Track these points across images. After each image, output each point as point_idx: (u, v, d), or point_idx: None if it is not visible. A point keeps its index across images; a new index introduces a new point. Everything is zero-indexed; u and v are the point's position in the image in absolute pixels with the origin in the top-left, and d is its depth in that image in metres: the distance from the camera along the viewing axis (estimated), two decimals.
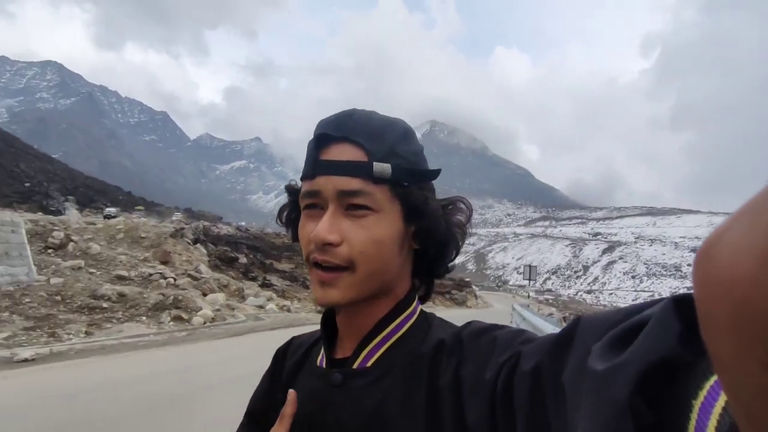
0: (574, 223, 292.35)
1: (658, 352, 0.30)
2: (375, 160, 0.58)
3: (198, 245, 28.92)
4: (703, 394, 0.27)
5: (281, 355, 0.75)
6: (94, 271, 16.80)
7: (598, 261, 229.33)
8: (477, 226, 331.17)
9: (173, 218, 39.44)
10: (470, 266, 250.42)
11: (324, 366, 0.65)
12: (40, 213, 30.35)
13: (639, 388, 0.30)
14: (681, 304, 0.30)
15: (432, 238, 0.63)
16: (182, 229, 29.15)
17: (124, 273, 17.41)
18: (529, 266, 27.72)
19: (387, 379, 0.59)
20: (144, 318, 12.38)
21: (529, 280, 26.98)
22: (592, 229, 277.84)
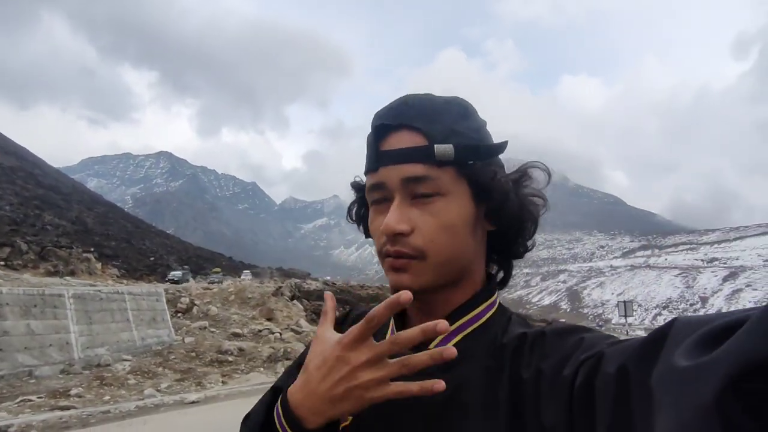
0: (682, 250, 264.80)
1: (757, 351, 0.27)
2: (436, 142, 0.56)
3: (295, 301, 31.56)
4: None
5: (338, 325, 0.64)
6: (214, 330, 19.43)
7: (719, 290, 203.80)
8: (567, 262, 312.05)
9: (243, 277, 41.96)
10: (564, 305, 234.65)
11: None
12: (164, 282, 35.20)
13: (732, 389, 0.27)
14: None
15: (506, 216, 0.59)
16: (280, 287, 32.09)
17: (239, 330, 19.88)
18: (624, 302, 26.11)
19: (465, 367, 0.56)
20: (261, 369, 14.24)
21: (626, 317, 25.46)
22: (706, 254, 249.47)
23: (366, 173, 0.62)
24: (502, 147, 0.61)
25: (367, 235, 0.66)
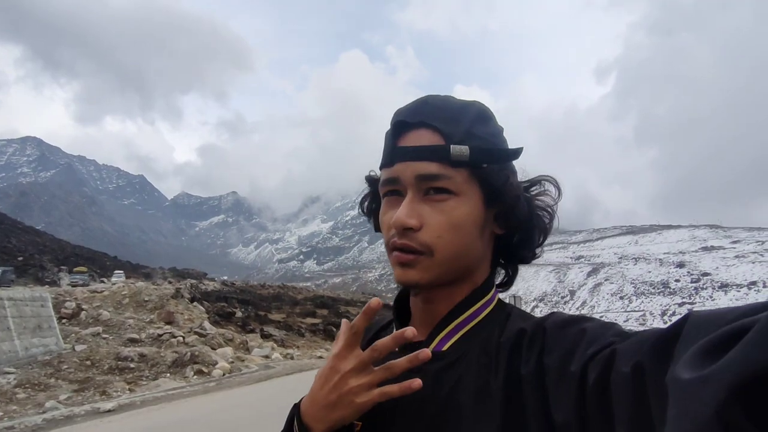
0: (556, 249, 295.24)
1: (758, 363, 0.27)
2: (452, 142, 0.58)
3: (195, 303, 30.04)
4: None
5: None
6: (107, 336, 17.97)
7: (584, 284, 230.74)
8: None
9: (114, 279, 36.48)
10: None
11: (397, 349, 0.61)
12: (38, 285, 31.01)
13: (735, 402, 0.27)
14: None
15: (514, 221, 0.61)
16: (179, 289, 30.30)
17: (135, 336, 18.60)
18: (514, 296, 29.21)
19: (462, 365, 0.58)
20: (168, 374, 13.66)
21: None
22: (574, 252, 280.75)
23: (381, 167, 0.63)
24: (517, 153, 0.62)
25: (377, 229, 0.68)
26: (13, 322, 12.93)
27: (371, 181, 0.69)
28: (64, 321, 18.92)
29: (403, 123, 0.60)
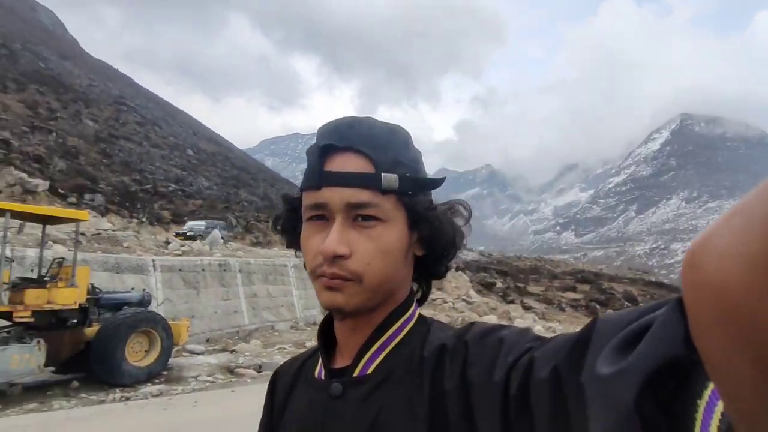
0: None
1: (663, 354, 0.30)
2: (382, 170, 0.58)
3: (460, 272, 32.41)
4: (707, 393, 0.27)
5: (273, 379, 0.74)
6: None
7: None
8: None
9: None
10: None
11: (323, 377, 0.63)
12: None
13: (646, 391, 0.30)
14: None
15: (437, 243, 0.62)
16: None
17: None
18: None
19: (387, 386, 0.58)
20: None
21: None
22: None
23: (305, 189, 0.61)
24: (439, 182, 0.65)
25: (290, 246, 0.67)
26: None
27: (288, 199, 0.68)
28: None
29: (331, 147, 0.59)
